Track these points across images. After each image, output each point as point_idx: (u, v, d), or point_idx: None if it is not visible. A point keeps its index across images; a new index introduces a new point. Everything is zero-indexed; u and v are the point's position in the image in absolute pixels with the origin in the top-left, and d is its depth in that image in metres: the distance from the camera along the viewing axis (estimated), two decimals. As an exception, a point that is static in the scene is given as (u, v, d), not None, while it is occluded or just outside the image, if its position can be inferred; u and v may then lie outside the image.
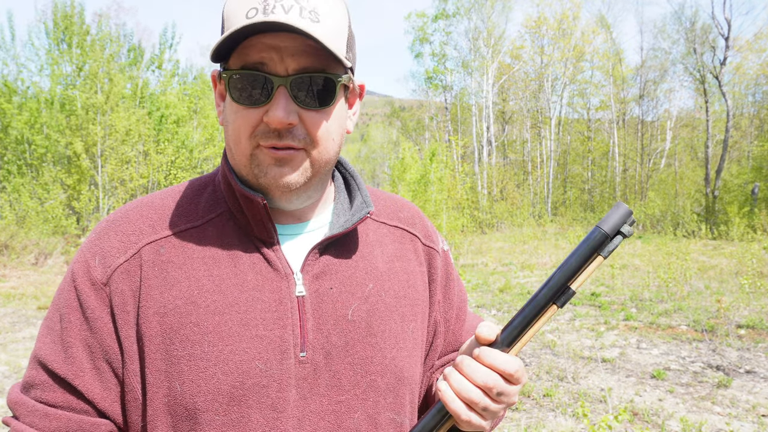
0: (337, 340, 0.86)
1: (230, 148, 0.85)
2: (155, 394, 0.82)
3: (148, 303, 0.83)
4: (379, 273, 0.93)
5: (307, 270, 0.87)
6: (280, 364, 0.82)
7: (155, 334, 0.82)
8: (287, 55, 0.78)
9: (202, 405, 0.80)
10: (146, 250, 0.85)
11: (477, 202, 27.91)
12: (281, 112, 0.78)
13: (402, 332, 0.92)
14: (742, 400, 4.96)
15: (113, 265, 0.84)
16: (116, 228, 0.88)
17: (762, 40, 28.23)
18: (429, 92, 36.25)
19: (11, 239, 13.54)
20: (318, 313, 0.86)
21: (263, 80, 0.78)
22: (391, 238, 0.98)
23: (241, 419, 0.80)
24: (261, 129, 0.80)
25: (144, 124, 18.67)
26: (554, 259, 14.46)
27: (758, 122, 30.93)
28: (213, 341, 0.81)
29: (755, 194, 22.93)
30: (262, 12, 0.76)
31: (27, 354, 6.41)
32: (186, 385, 0.80)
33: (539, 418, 4.63)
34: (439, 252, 1.03)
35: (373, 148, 46.95)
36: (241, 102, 0.80)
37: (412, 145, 19.82)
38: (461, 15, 32.69)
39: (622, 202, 0.77)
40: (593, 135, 35.93)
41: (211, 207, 0.90)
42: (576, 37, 34.06)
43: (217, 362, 0.80)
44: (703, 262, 13.10)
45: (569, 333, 7.32)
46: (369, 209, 0.91)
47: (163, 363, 0.81)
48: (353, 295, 0.89)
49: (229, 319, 0.82)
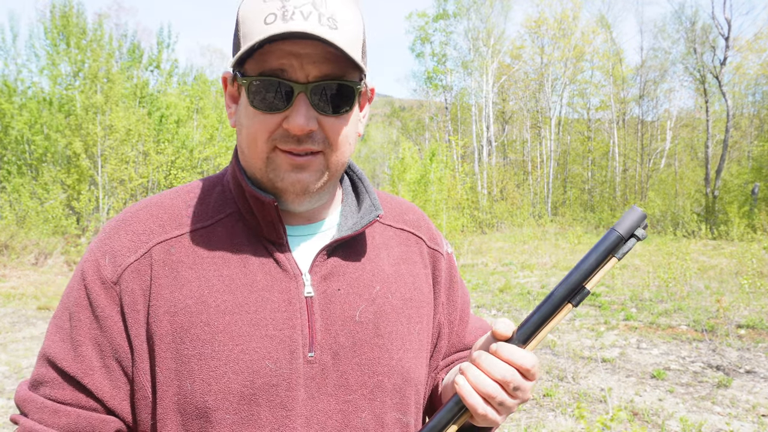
0: (344, 340, 0.87)
1: (243, 151, 0.86)
2: (165, 392, 0.82)
3: (159, 302, 0.83)
4: (385, 275, 0.94)
5: (316, 271, 0.88)
6: (290, 364, 0.83)
7: (166, 333, 0.82)
8: (308, 62, 0.78)
9: (213, 404, 0.81)
10: (156, 250, 0.86)
11: (477, 202, 27.91)
12: (302, 119, 0.78)
13: (408, 334, 0.93)
14: (742, 400, 4.96)
15: (123, 264, 0.85)
16: (126, 227, 0.88)
17: (762, 40, 28.25)
18: (429, 92, 36.27)
19: (11, 239, 13.54)
20: (326, 314, 0.87)
21: (284, 87, 0.79)
22: (397, 241, 1.00)
23: (251, 417, 0.81)
24: (279, 133, 0.81)
25: (144, 124, 18.66)
26: (554, 259, 14.46)
27: (758, 122, 30.92)
28: (223, 341, 0.82)
29: (755, 194, 22.92)
30: (281, 18, 0.76)
31: (27, 354, 6.40)
32: (196, 384, 0.81)
33: (539, 418, 4.63)
34: (443, 255, 1.05)
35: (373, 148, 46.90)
36: (260, 108, 0.80)
37: (413, 145, 19.81)
38: (461, 15, 32.69)
39: (636, 206, 0.81)
40: (593, 135, 35.93)
41: (220, 207, 0.91)
42: (576, 37, 34.07)
43: (227, 361, 0.81)
44: (703, 262, 13.10)
45: (569, 333, 7.32)
46: (378, 212, 0.91)
47: (173, 362, 0.82)
48: (361, 297, 0.90)
49: (239, 319, 0.83)
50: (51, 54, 19.03)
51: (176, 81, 23.74)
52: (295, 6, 0.77)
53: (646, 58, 32.84)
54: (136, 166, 18.46)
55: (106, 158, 17.57)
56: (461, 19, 32.98)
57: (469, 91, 34.48)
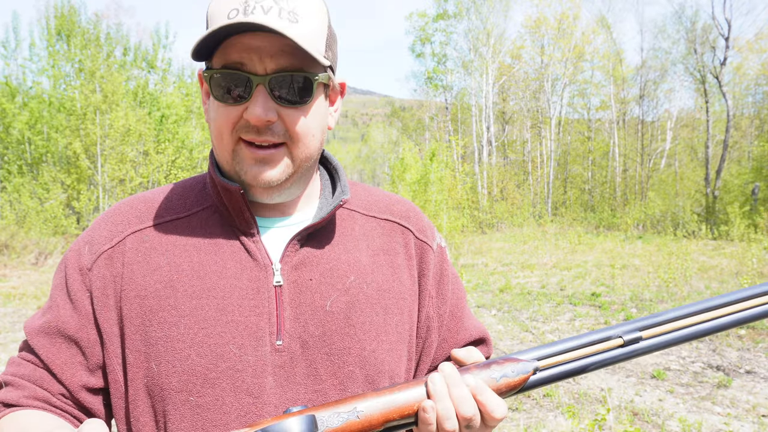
0: (314, 330, 0.87)
1: (214, 144, 0.89)
2: (135, 374, 0.85)
3: (130, 287, 0.87)
4: (362, 266, 0.94)
5: (287, 261, 0.90)
6: (255, 351, 0.84)
7: (135, 316, 0.86)
8: (265, 55, 0.81)
9: (177, 385, 0.83)
10: (131, 239, 0.91)
11: (477, 202, 27.91)
12: (260, 109, 0.81)
13: (384, 325, 0.92)
14: (742, 400, 4.96)
15: (98, 252, 0.90)
16: (108, 219, 0.94)
17: (762, 40, 28.25)
18: (429, 92, 36.24)
19: (11, 239, 13.55)
20: (296, 303, 0.88)
21: (243, 79, 0.82)
22: (380, 232, 0.99)
23: (215, 402, 0.83)
24: (241, 124, 0.84)
25: (144, 123, 18.65)
26: (554, 259, 14.45)
27: (758, 122, 30.91)
28: (189, 324, 0.84)
29: (755, 194, 22.91)
30: (243, 13, 0.79)
31: (27, 354, 6.41)
32: (162, 365, 0.84)
33: (539, 418, 4.63)
34: (433, 248, 1.02)
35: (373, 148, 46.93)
36: (222, 100, 0.83)
37: (413, 146, 19.80)
38: (461, 15, 32.69)
39: None
40: (593, 135, 35.92)
41: (199, 201, 0.95)
42: (576, 37, 34.04)
43: (192, 344, 0.84)
44: (703, 262, 13.10)
45: (569, 333, 7.31)
46: (344, 197, 0.92)
47: (142, 344, 0.85)
48: (333, 287, 0.90)
49: (205, 304, 0.85)
50: (51, 54, 19.04)
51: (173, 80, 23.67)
52: (257, 1, 0.80)
53: (647, 58, 32.84)
54: (137, 165, 18.46)
55: (105, 158, 17.57)
56: (461, 19, 32.98)
57: (469, 91, 34.47)
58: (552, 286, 10.82)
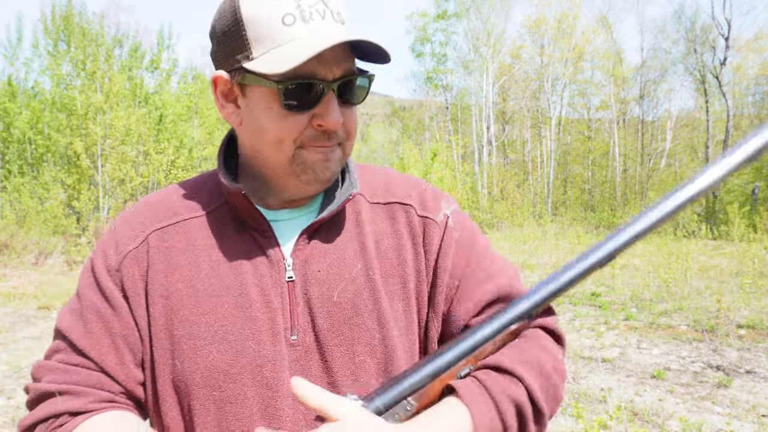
0: (323, 322, 0.89)
1: (258, 150, 0.89)
2: (162, 371, 0.88)
3: (155, 286, 0.89)
4: (368, 252, 0.93)
5: (297, 255, 0.91)
6: (273, 346, 0.87)
7: (159, 315, 0.88)
8: (333, 61, 0.83)
9: (200, 381, 0.86)
10: (153, 237, 0.92)
11: (477, 202, 27.91)
12: (336, 114, 0.84)
13: (392, 311, 0.91)
14: (742, 400, 4.96)
15: (124, 252, 0.92)
16: (129, 220, 0.96)
17: (762, 40, 28.23)
18: (429, 92, 36.22)
19: (11, 239, 13.54)
20: (307, 297, 0.89)
21: (315, 87, 0.83)
22: (384, 216, 0.97)
23: (238, 396, 0.86)
24: (308, 132, 0.85)
25: (144, 123, 18.65)
26: (554, 259, 14.45)
27: (758, 122, 30.85)
28: (209, 321, 0.87)
29: (755, 194, 22.91)
30: (301, 19, 0.80)
31: (27, 354, 6.41)
32: (186, 363, 0.87)
33: (539, 418, 4.62)
34: (437, 221, 0.96)
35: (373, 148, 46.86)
36: (291, 108, 0.83)
37: (413, 146, 19.80)
38: (461, 15, 32.67)
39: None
40: (593, 135, 35.91)
41: (212, 199, 0.96)
42: (576, 37, 34.04)
43: (212, 341, 0.86)
44: (703, 262, 13.10)
45: (569, 333, 7.32)
46: (353, 190, 0.93)
47: (167, 342, 0.88)
48: (341, 277, 0.90)
49: (225, 302, 0.88)
50: (52, 54, 19.04)
51: (176, 81, 23.72)
52: (310, 5, 0.81)
53: (647, 58, 32.83)
54: (137, 165, 18.46)
55: (106, 158, 17.57)
56: (461, 19, 32.97)
57: (469, 91, 34.47)
58: (552, 286, 10.80)
